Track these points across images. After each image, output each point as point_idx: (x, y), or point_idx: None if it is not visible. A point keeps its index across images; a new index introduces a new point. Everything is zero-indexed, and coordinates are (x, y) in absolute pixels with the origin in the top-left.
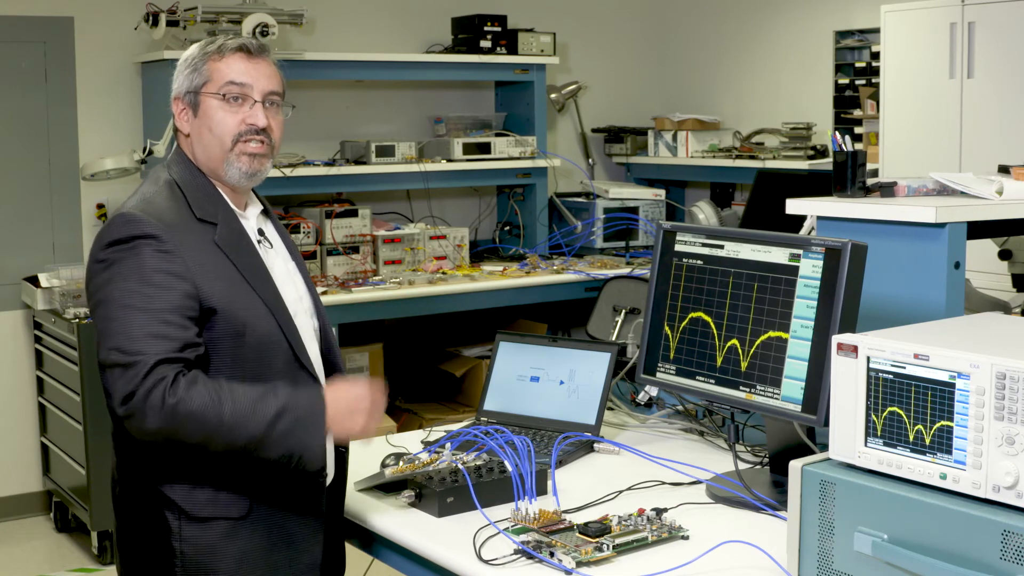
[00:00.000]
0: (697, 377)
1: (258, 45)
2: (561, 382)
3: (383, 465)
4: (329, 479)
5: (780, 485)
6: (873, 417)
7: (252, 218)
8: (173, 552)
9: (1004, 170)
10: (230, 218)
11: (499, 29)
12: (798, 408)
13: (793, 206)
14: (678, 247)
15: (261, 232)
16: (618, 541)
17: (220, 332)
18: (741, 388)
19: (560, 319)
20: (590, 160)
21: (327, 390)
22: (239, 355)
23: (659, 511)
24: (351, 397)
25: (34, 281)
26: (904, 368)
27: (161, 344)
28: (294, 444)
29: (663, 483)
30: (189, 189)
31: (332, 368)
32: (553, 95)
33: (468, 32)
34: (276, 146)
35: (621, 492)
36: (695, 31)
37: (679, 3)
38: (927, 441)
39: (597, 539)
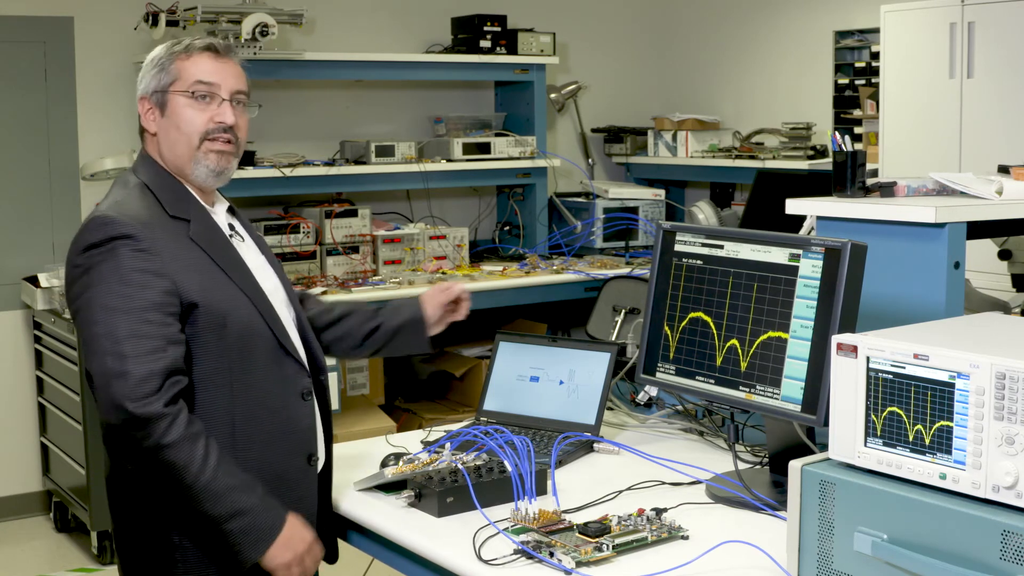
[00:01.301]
0: (697, 377)
1: (225, 45)
2: (561, 382)
3: (383, 465)
4: (320, 464)
5: (780, 485)
6: (873, 417)
7: (221, 214)
8: (174, 546)
9: (1004, 170)
10: (202, 214)
11: (499, 29)
12: (798, 408)
13: (793, 206)
14: (678, 247)
15: (232, 227)
16: (618, 541)
17: (203, 325)
18: (741, 388)
19: (560, 319)
20: (590, 160)
21: (288, 517)
22: (222, 346)
23: (659, 511)
24: (298, 537)
25: (34, 281)
26: (904, 368)
27: (144, 344)
28: (238, 542)
29: (663, 483)
30: (159, 189)
31: (311, 358)
32: (553, 95)
33: (468, 32)
34: (242, 145)
35: (621, 492)
36: (695, 31)
37: (679, 3)
38: (927, 441)
39: (597, 539)
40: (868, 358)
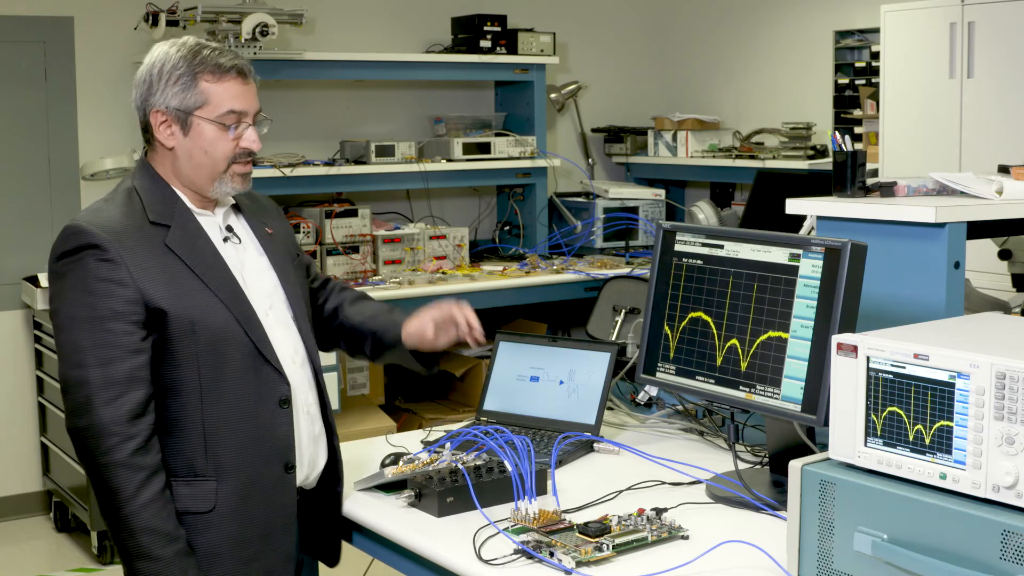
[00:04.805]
0: (697, 377)
1: (248, 67)
2: (561, 382)
3: (383, 465)
4: (307, 475)
5: (780, 485)
6: (873, 417)
7: (219, 215)
8: None
9: (1004, 170)
10: (186, 219)
11: (499, 29)
12: (798, 408)
13: (793, 206)
14: (678, 247)
15: (230, 229)
16: (618, 541)
17: (173, 331)
18: (741, 388)
19: (560, 319)
20: (590, 160)
21: None
22: (192, 352)
23: (659, 511)
24: None
25: (34, 281)
26: (904, 368)
27: (104, 353)
28: None
29: (663, 483)
30: (146, 194)
31: (310, 360)
32: (553, 95)
33: (468, 32)
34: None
35: (621, 492)
36: (695, 31)
37: (679, 3)
38: (927, 441)
39: (597, 539)
40: (868, 358)
